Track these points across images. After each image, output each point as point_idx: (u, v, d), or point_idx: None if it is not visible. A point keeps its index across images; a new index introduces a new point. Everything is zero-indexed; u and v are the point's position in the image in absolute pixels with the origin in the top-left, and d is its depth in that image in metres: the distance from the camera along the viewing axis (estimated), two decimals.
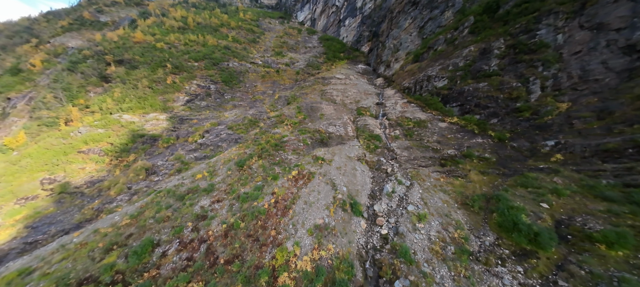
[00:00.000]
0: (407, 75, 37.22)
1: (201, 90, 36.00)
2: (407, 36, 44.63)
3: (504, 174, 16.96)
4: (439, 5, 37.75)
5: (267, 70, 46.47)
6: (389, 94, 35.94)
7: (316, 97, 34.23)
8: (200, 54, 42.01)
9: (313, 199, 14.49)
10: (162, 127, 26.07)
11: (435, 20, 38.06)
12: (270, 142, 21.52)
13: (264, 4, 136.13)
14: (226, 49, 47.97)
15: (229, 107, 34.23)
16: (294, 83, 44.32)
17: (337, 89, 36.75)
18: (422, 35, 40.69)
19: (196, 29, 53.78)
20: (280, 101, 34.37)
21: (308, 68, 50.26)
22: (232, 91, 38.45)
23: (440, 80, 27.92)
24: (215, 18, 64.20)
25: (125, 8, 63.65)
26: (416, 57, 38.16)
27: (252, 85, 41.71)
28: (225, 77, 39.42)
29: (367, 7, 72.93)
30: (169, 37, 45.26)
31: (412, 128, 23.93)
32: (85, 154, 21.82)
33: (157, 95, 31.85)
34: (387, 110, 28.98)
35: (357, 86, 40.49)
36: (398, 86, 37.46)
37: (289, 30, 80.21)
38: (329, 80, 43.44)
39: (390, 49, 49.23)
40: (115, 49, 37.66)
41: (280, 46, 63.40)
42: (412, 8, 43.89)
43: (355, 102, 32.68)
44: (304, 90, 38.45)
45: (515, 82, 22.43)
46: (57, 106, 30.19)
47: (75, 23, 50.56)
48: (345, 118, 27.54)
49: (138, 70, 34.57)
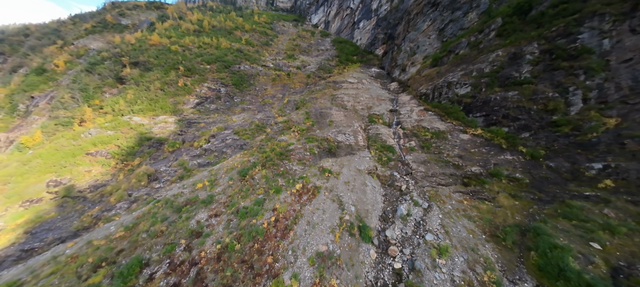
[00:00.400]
0: (425, 81, 34.95)
1: (211, 93, 35.84)
2: (425, 39, 42.24)
3: (540, 199, 14.63)
4: (461, 6, 35.24)
5: (278, 73, 45.83)
6: (404, 100, 33.88)
7: (326, 102, 32.88)
8: (212, 57, 42.14)
9: (317, 220, 13.06)
10: (170, 131, 25.84)
11: (457, 22, 35.56)
12: (276, 150, 20.39)
13: (280, 7, 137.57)
14: (238, 51, 47.96)
15: (237, 110, 33.72)
16: (305, 87, 43.29)
17: (349, 94, 35.19)
18: (442, 38, 38.21)
19: (211, 32, 54.44)
20: (289, 106, 33.38)
21: (319, 71, 49.11)
22: (242, 94, 38.04)
23: (463, 87, 25.59)
24: (230, 21, 64.93)
25: (145, 11, 66.03)
26: (435, 61, 35.80)
27: (262, 89, 41.15)
28: (235, 80, 39.13)
29: (383, 9, 70.89)
30: (184, 40, 45.95)
31: (430, 139, 21.87)
32: (93, 156, 21.88)
33: (168, 98, 31.93)
34: (402, 119, 27.01)
35: (369, 91, 38.71)
36: (414, 92, 35.27)
37: (302, 33, 79.77)
38: (340, 84, 41.98)
39: (406, 52, 46.98)
40: (132, 51, 38.56)
41: (292, 49, 62.88)
42: (432, 9, 41.51)
43: (367, 109, 30.95)
44: (314, 94, 37.26)
45: (552, 91, 19.82)
46: (73, 106, 31.01)
47: (98, 26, 52.94)
48: (356, 126, 25.92)
49: (152, 73, 35.02)
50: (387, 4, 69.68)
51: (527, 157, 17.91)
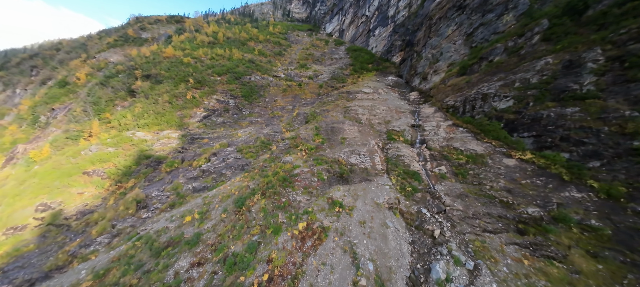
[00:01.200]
0: (451, 91, 30.92)
1: (220, 105, 34.45)
2: (450, 45, 38.26)
3: (635, 264, 10.36)
4: (494, 8, 31.14)
5: (289, 83, 43.92)
6: (427, 112, 30.05)
7: (338, 115, 29.96)
8: (223, 68, 41.26)
9: (322, 283, 9.92)
10: (171, 148, 24.30)
11: (488, 26, 31.42)
12: (279, 174, 17.70)
13: (295, 18, 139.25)
14: (250, 62, 46.95)
15: (245, 123, 31.82)
16: (316, 97, 40.83)
17: (364, 106, 32.02)
18: (471, 43, 34.10)
19: (225, 43, 54.41)
20: (298, 119, 30.88)
21: (332, 81, 46.57)
22: (250, 106, 36.32)
23: (502, 101, 21.48)
24: (245, 32, 65.13)
25: (166, 25, 68.37)
26: (463, 69, 31.74)
27: (272, 100, 39.27)
28: (245, 91, 37.63)
29: (400, 15, 67.67)
30: (197, 52, 45.89)
31: (465, 164, 18.00)
32: (90, 175, 20.69)
33: (175, 111, 30.86)
34: (427, 136, 23.27)
35: (387, 102, 35.27)
36: (439, 103, 31.32)
37: (316, 42, 78.47)
38: (354, 94, 38.98)
39: (427, 59, 43.13)
40: (145, 63, 38.69)
41: (305, 58, 61.29)
42: (457, 13, 37.65)
43: (384, 123, 27.54)
44: (325, 106, 34.57)
45: (628, 109, 15.35)
46: (84, 120, 30.83)
47: (120, 39, 55.15)
48: (372, 144, 22.61)
49: (162, 85, 34.49)
50: (404, 10, 66.45)
51: (602, 195, 13.55)
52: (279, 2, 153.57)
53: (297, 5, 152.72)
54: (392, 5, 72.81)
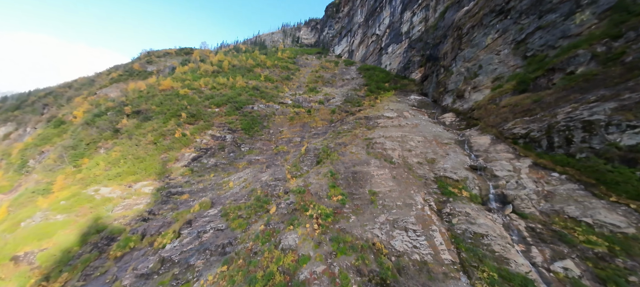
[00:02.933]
0: (511, 113, 22.78)
1: (214, 142, 28.45)
2: (492, 56, 30.70)
3: None
4: (556, 7, 23.64)
5: (297, 110, 37.77)
6: (481, 143, 21.87)
7: (360, 150, 22.55)
8: (223, 98, 36.21)
9: None
10: (137, 211, 17.85)
11: (552, 29, 23.75)
12: (275, 277, 10.23)
13: (304, 44, 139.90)
14: (254, 89, 41.92)
15: (241, 165, 25.20)
16: (329, 125, 34.02)
17: (391, 137, 24.46)
18: (523, 52, 26.34)
19: (229, 71, 50.67)
20: (307, 157, 23.80)
21: (346, 104, 39.93)
22: (251, 141, 30.02)
23: (626, 133, 13.13)
24: (252, 59, 61.99)
25: (174, 58, 67.33)
26: (522, 85, 23.79)
27: (277, 131, 32.92)
28: (246, 123, 31.70)
29: (416, 30, 61.91)
30: (198, 81, 41.82)
31: (610, 257, 9.50)
32: (18, 262, 14.47)
33: (159, 154, 25.08)
34: (507, 188, 14.95)
35: (419, 129, 27.55)
36: (493, 130, 23.14)
37: (325, 64, 74.13)
38: (375, 121, 31.73)
39: (460, 74, 35.57)
40: (137, 98, 34.55)
41: (314, 81, 56.03)
42: (498, 19, 30.50)
43: (427, 162, 19.61)
44: (341, 137, 27.45)
45: None
46: (58, 168, 25.71)
47: (125, 74, 53.46)
48: (420, 201, 14.70)
49: (149, 122, 29.47)
50: (420, 25, 60.72)
51: None
52: (288, 30, 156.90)
53: (305, 31, 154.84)
54: (405, 21, 67.72)
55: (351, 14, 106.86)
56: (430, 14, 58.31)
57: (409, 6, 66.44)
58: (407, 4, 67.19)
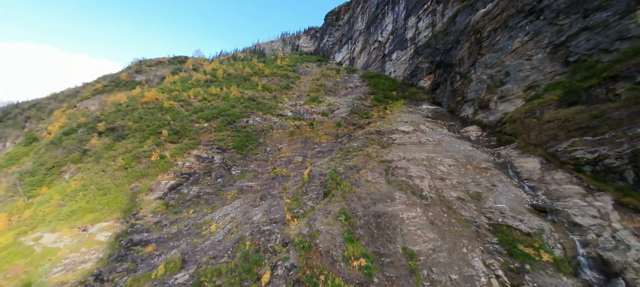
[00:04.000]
0: (562, 131, 18.32)
1: (200, 165, 23.73)
2: (521, 61, 26.53)
3: None
4: (608, 5, 19.47)
5: (298, 123, 33.25)
6: (531, 169, 17.28)
7: (378, 178, 17.86)
8: (214, 111, 31.72)
9: None
10: (82, 274, 12.85)
11: (603, 31, 19.53)
12: None
13: (304, 52, 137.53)
14: (250, 100, 37.55)
15: (230, 194, 20.40)
16: (335, 141, 29.43)
17: (415, 158, 19.79)
18: (564, 57, 22.10)
19: (224, 80, 46.49)
20: (311, 187, 19.03)
21: (352, 116, 35.49)
22: (244, 162, 25.30)
23: None
24: (249, 67, 58.07)
25: (167, 66, 63.41)
26: (571, 96, 19.46)
27: (275, 149, 28.26)
28: (239, 140, 27.07)
29: (422, 36, 58.44)
30: (187, 92, 37.47)
31: None
32: None
33: (129, 182, 20.29)
34: (598, 244, 10.19)
35: (444, 146, 22.98)
36: (539, 150, 18.67)
37: (327, 72, 70.35)
38: (389, 136, 27.18)
39: (482, 81, 31.37)
40: (114, 113, 30.00)
41: (316, 90, 51.86)
42: (527, 20, 26.48)
43: (470, 197, 14.86)
44: (351, 158, 22.80)
45: None
46: (9, 200, 20.79)
47: (110, 85, 49.22)
48: (480, 269, 9.94)
49: (124, 142, 24.83)
50: (426, 31, 57.27)
51: None
52: (288, 38, 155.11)
53: (305, 39, 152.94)
54: (409, 27, 64.41)
55: (351, 21, 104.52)
56: (437, 19, 54.94)
57: (413, 12, 63.33)
58: (412, 10, 64.12)
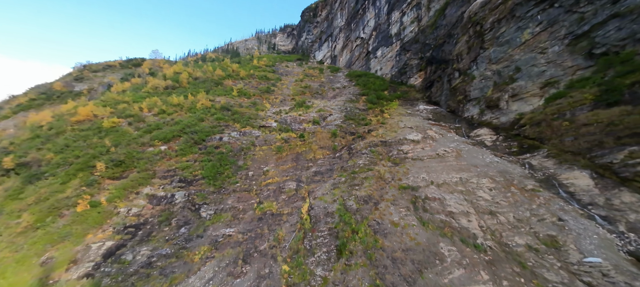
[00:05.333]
0: (609, 137, 15.24)
1: (154, 209, 17.00)
2: (534, 55, 23.70)
3: None
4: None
5: (286, 136, 27.50)
6: (585, 187, 13.80)
7: (406, 216, 13.14)
8: (176, 128, 24.64)
9: None
10: None
11: (637, 17, 16.77)
12: None
13: (281, 51, 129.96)
14: (224, 110, 30.77)
15: (199, 254, 14.28)
16: (333, 156, 24.27)
17: (446, 182, 15.43)
18: (589, 49, 19.35)
19: (190, 86, 38.66)
20: (318, 237, 13.65)
21: (348, 123, 30.60)
22: (218, 196, 19.04)
23: None
24: (222, 69, 50.27)
25: (118, 71, 52.83)
26: (609, 94, 16.51)
27: (260, 172, 22.29)
28: (210, 167, 20.62)
29: (408, 31, 55.55)
30: (140, 104, 29.47)
31: None
32: None
33: (38, 254, 13.10)
34: None
35: (465, 158, 19.08)
36: (583, 161, 15.50)
37: (309, 71, 64.80)
38: (398, 148, 22.75)
39: (486, 78, 28.40)
40: (29, 140, 21.53)
41: (301, 92, 46.17)
42: (538, 8, 23.60)
43: (543, 245, 10.64)
44: (360, 182, 17.84)
45: None
46: None
47: (40, 98, 38.45)
48: None
49: (39, 184, 17.06)
50: (412, 25, 54.39)
51: None
52: (263, 36, 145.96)
53: (281, 37, 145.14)
54: (394, 22, 61.29)
55: (330, 17, 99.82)
56: (423, 13, 52.22)
57: (396, 6, 60.24)
58: (395, 4, 60.99)
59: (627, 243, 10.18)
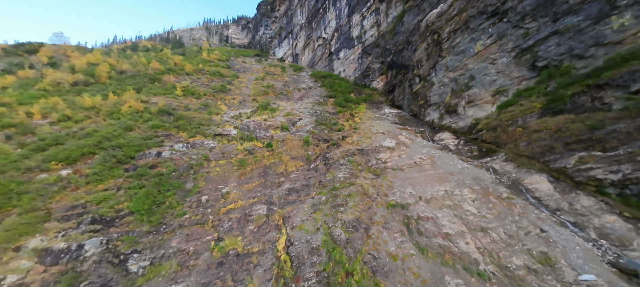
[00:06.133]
0: (558, 143, 16.97)
1: (46, 273, 10.89)
2: (486, 65, 25.81)
3: None
4: (579, 9, 19.30)
5: (250, 146, 23.17)
6: (547, 192, 14.88)
7: (402, 244, 11.47)
8: (88, 141, 17.48)
9: None
10: None
11: (575, 36, 19.33)
12: None
13: (235, 44, 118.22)
14: (163, 114, 24.10)
15: None
16: (307, 168, 21.34)
17: (434, 197, 14.49)
18: (532, 61, 21.78)
19: (113, 82, 29.49)
20: (303, 284, 10.64)
21: (320, 128, 28.15)
22: (156, 238, 13.89)
23: None
24: (159, 62, 40.81)
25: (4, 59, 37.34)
26: (554, 104, 18.48)
27: (216, 196, 17.67)
28: (142, 197, 14.98)
29: (368, 35, 56.52)
30: (28, 107, 20.30)
31: None
32: None
33: None
34: None
35: (440, 165, 19.05)
36: (538, 165, 16.99)
37: (270, 69, 59.79)
38: (376, 156, 21.47)
39: (444, 84, 30.07)
40: None
41: (263, 93, 41.42)
42: (489, 22, 25.71)
43: (539, 263, 10.25)
44: (343, 201, 15.55)
45: None
46: None
47: None
48: None
49: None
50: (372, 29, 55.51)
51: None
52: (213, 27, 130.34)
53: (235, 30, 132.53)
54: (354, 25, 61.72)
55: (290, 14, 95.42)
56: (381, 19, 53.69)
57: (356, 9, 60.71)
58: (355, 7, 61.38)
59: (604, 253, 10.62)
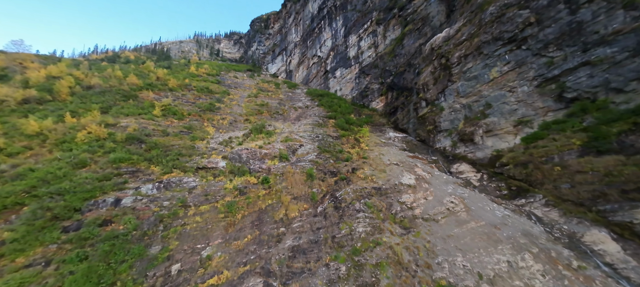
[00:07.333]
0: (613, 190, 14.22)
1: None
2: (503, 93, 23.68)
3: None
4: (613, 40, 17.54)
5: (241, 183, 18.49)
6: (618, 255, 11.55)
7: None
8: (16, 186, 12.08)
9: None
10: None
11: (612, 68, 17.41)
12: None
13: (227, 58, 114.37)
14: (132, 142, 18.96)
15: None
16: (314, 214, 16.88)
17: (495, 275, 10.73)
18: (559, 92, 19.71)
19: (75, 99, 23.97)
20: None
21: (324, 156, 24.11)
22: None
23: None
24: (137, 75, 35.60)
25: None
26: (598, 142, 16.02)
27: (193, 264, 12.68)
28: (77, 279, 9.70)
29: (366, 55, 55.12)
30: None
31: None
32: None
33: None
34: None
35: (476, 212, 15.48)
36: (589, 214, 14.23)
37: (264, 85, 56.04)
38: (397, 198, 17.64)
39: (456, 110, 27.69)
40: None
41: (257, 111, 37.13)
42: (506, 48, 23.95)
43: None
44: (369, 277, 11.30)
45: None
46: None
47: None
48: None
49: None
50: (370, 50, 54.22)
51: None
52: (204, 40, 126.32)
53: (227, 44, 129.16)
54: (351, 45, 60.47)
55: (284, 31, 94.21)
56: (379, 40, 52.66)
57: (353, 30, 59.86)
58: (351, 28, 60.62)
59: None
